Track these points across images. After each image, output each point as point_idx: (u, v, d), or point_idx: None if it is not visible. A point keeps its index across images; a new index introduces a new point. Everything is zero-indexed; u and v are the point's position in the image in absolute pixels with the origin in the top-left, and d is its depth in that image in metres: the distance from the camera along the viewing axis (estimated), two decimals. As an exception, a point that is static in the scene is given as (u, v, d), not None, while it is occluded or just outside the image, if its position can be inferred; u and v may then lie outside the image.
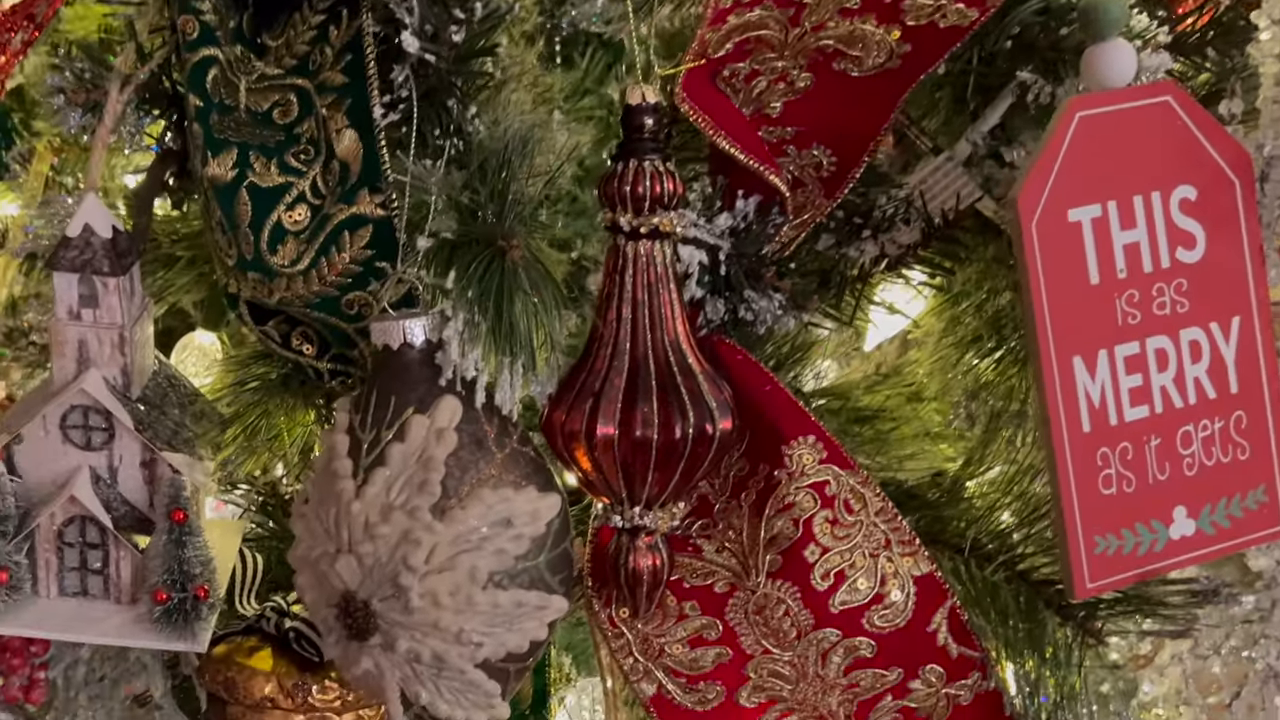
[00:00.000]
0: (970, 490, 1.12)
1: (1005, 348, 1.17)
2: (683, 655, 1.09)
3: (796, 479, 1.06)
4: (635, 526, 1.02)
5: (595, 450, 0.99)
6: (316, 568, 0.97)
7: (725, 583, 1.08)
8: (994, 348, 1.17)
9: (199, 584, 1.08)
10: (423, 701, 0.98)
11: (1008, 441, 1.16)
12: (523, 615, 0.97)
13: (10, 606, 1.08)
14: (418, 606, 0.94)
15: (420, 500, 0.94)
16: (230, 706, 1.16)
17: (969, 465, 1.13)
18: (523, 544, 0.96)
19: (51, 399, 1.06)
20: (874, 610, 1.07)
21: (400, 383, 0.98)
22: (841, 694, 1.09)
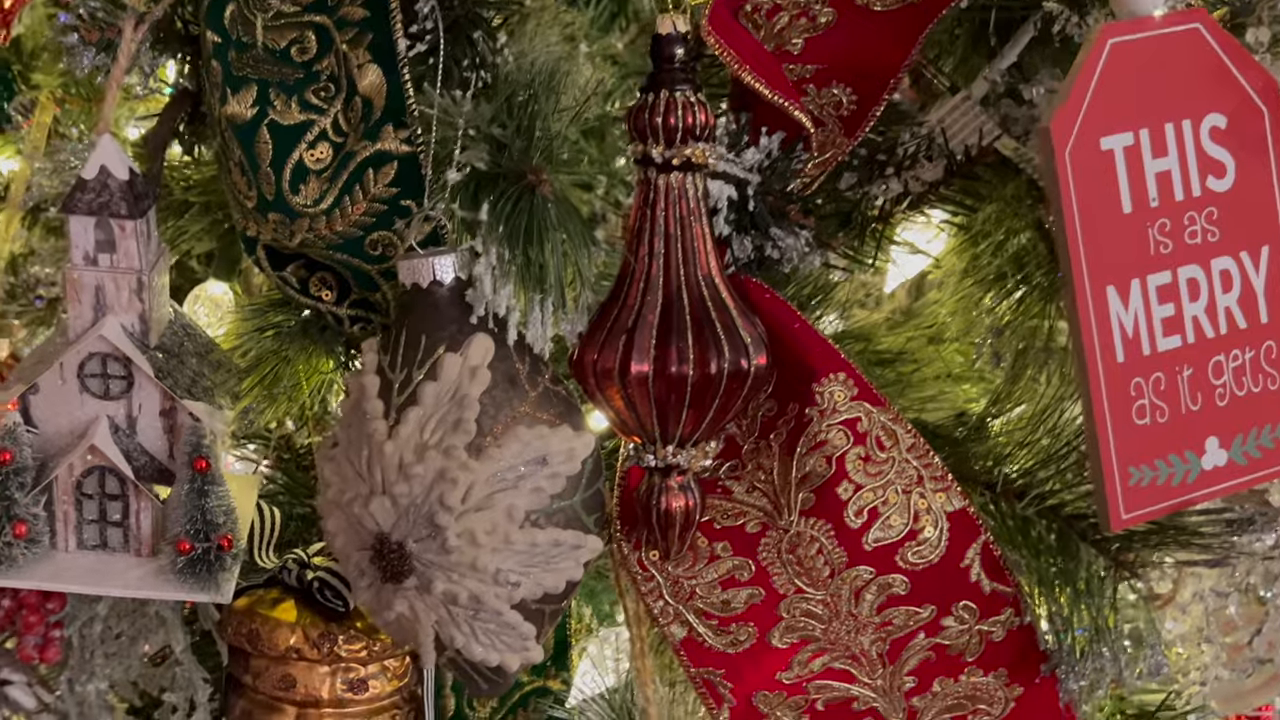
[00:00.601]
0: (996, 428, 1.11)
1: (1028, 286, 1.15)
2: (714, 597, 1.08)
3: (828, 416, 1.05)
4: (668, 466, 1.00)
5: (628, 388, 0.97)
6: (348, 511, 0.95)
7: (757, 523, 1.06)
8: (1017, 286, 1.15)
9: (222, 534, 1.05)
10: (457, 644, 0.96)
11: (1032, 379, 1.14)
12: (559, 555, 0.95)
13: (28, 560, 1.05)
14: (455, 546, 0.92)
15: (455, 439, 0.92)
16: (254, 659, 1.14)
17: (996, 403, 1.12)
18: (559, 482, 0.94)
19: (69, 347, 1.03)
20: (907, 547, 1.06)
21: (430, 321, 0.95)
22: (874, 632, 1.08)
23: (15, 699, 1.19)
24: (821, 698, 1.10)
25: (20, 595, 1.13)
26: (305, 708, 1.12)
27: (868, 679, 1.09)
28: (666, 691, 1.16)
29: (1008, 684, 1.10)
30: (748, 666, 1.09)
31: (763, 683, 1.09)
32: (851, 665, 1.09)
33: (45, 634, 1.16)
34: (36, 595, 1.13)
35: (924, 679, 1.09)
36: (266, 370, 1.08)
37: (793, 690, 1.09)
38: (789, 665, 1.09)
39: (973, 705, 1.11)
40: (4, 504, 1.03)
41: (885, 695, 1.10)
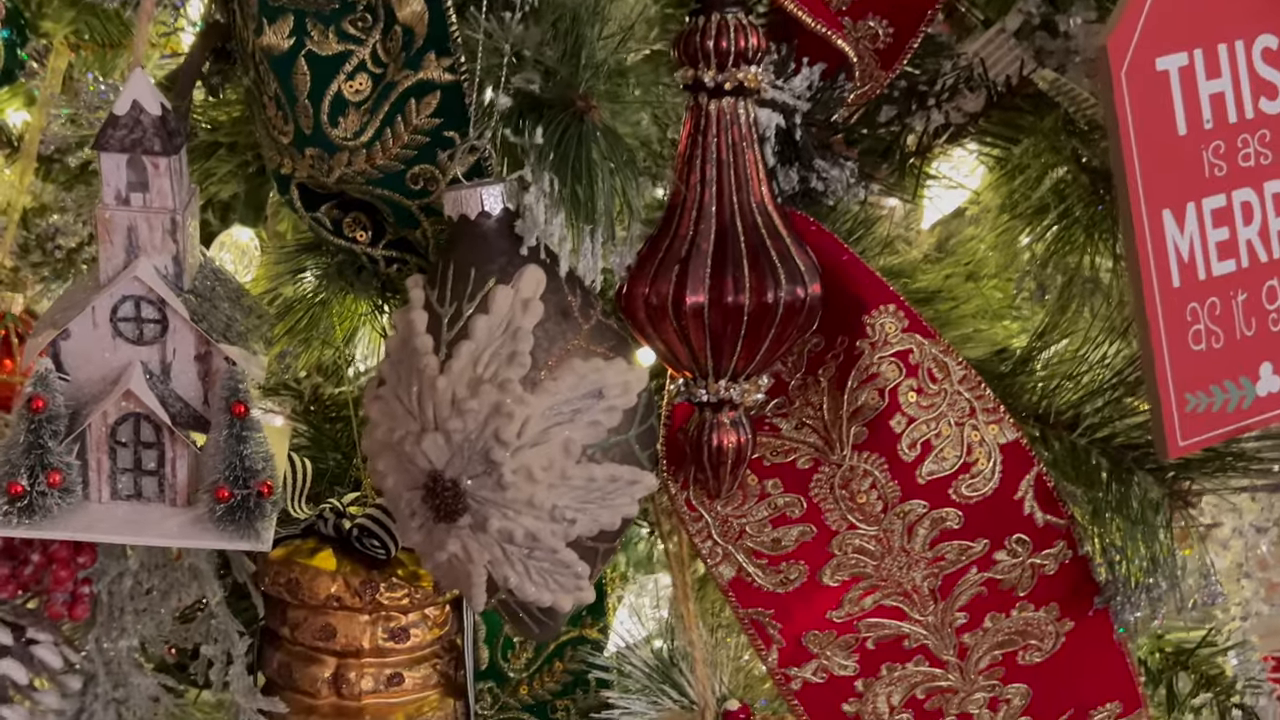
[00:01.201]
0: (1042, 361, 1.09)
1: (1070, 219, 1.13)
2: (764, 535, 1.05)
3: (879, 349, 1.02)
4: (720, 400, 0.97)
5: (682, 320, 0.94)
6: (399, 450, 0.91)
7: (808, 459, 1.04)
8: (1058, 219, 1.13)
9: (261, 480, 1.01)
10: (511, 584, 0.93)
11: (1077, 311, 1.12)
12: (616, 491, 0.92)
13: (62, 511, 1.01)
14: (510, 483, 0.89)
15: (510, 372, 0.89)
16: (291, 610, 1.11)
17: (1042, 335, 1.09)
18: (615, 416, 0.91)
19: (100, 290, 0.99)
20: (961, 480, 1.04)
21: (479, 254, 0.92)
22: (926, 568, 1.06)
23: (42, 658, 1.15)
24: (872, 636, 1.07)
25: (50, 550, 1.09)
26: (345, 658, 1.09)
27: (919, 615, 1.07)
28: (709, 636, 1.14)
29: (1059, 618, 1.09)
30: (798, 606, 1.07)
31: (813, 622, 1.07)
32: (903, 602, 1.07)
33: (74, 590, 1.12)
34: (67, 549, 1.09)
35: (975, 615, 1.07)
36: (301, 314, 1.05)
37: (843, 629, 1.07)
38: (840, 603, 1.06)
39: (1023, 641, 1.09)
40: (37, 452, 0.99)
41: (936, 632, 1.08)
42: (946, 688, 1.09)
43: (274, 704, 1.08)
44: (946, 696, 1.10)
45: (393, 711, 1.10)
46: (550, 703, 1.22)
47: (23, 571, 1.12)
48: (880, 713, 1.10)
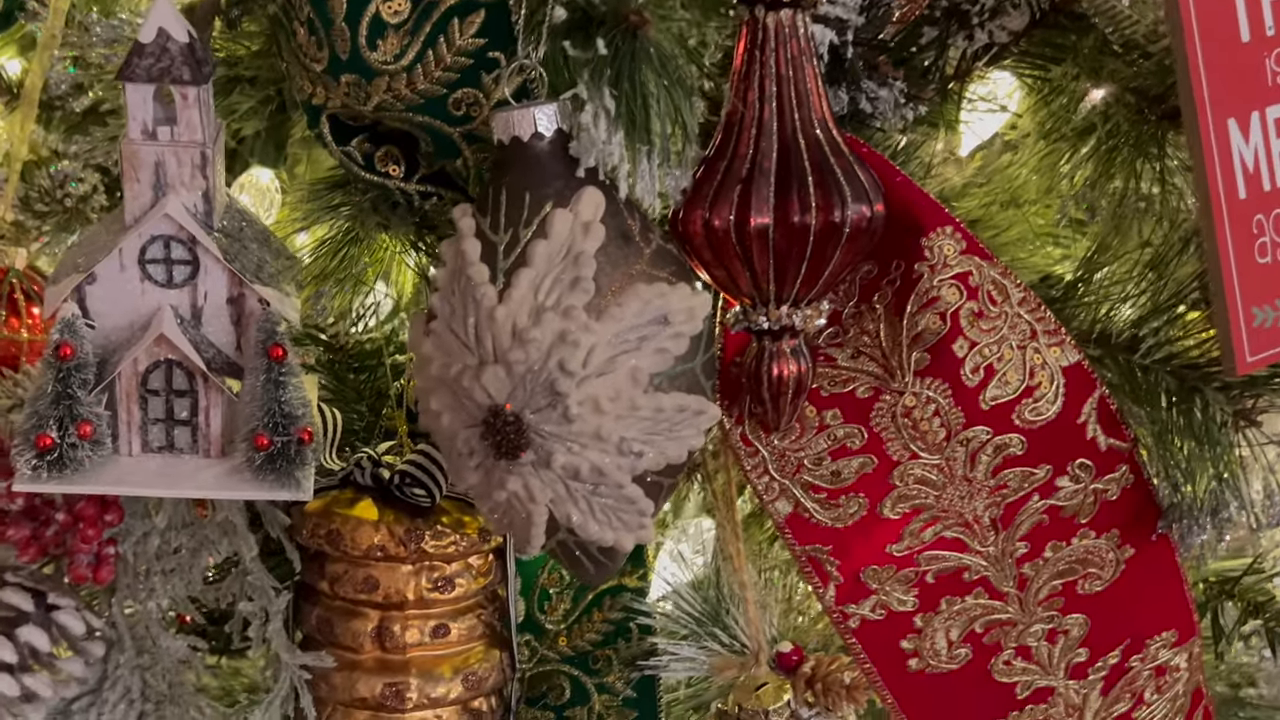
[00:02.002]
0: (1097, 282, 1.05)
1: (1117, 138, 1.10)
2: (823, 468, 1.01)
3: (939, 271, 0.98)
4: (782, 328, 0.93)
5: (746, 243, 0.90)
6: (456, 386, 0.87)
7: (867, 388, 1.00)
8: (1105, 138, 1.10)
9: (301, 426, 0.96)
10: (573, 523, 0.88)
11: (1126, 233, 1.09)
12: (683, 422, 0.88)
13: (93, 464, 0.96)
14: (576, 415, 0.85)
15: (573, 299, 0.84)
16: (330, 563, 1.05)
17: (1093, 257, 1.06)
18: (682, 343, 0.87)
19: (128, 231, 0.94)
20: (1024, 404, 1.00)
21: (533, 177, 0.87)
22: (988, 497, 1.02)
23: (65, 624, 1.09)
24: (932, 569, 1.04)
25: (77, 508, 1.03)
26: (389, 610, 1.04)
27: (980, 546, 1.04)
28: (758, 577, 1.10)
29: (1119, 545, 1.06)
30: (856, 540, 1.03)
31: (872, 557, 1.03)
32: (964, 533, 1.03)
33: (99, 552, 1.07)
34: (94, 507, 1.03)
35: (1036, 544, 1.04)
36: (331, 255, 1.00)
37: (903, 563, 1.04)
38: (900, 536, 1.03)
39: (1083, 569, 1.06)
40: (66, 403, 0.94)
41: (996, 563, 1.04)
42: (1005, 620, 1.06)
43: (321, 658, 1.03)
44: (1005, 629, 1.07)
45: (439, 664, 1.05)
46: (590, 653, 1.17)
47: (45, 533, 1.06)
48: (938, 649, 1.07)
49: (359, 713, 1.05)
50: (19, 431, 0.95)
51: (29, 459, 0.94)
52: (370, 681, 1.04)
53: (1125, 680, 1.11)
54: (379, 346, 1.17)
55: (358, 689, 1.04)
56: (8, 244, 1.17)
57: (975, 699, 1.09)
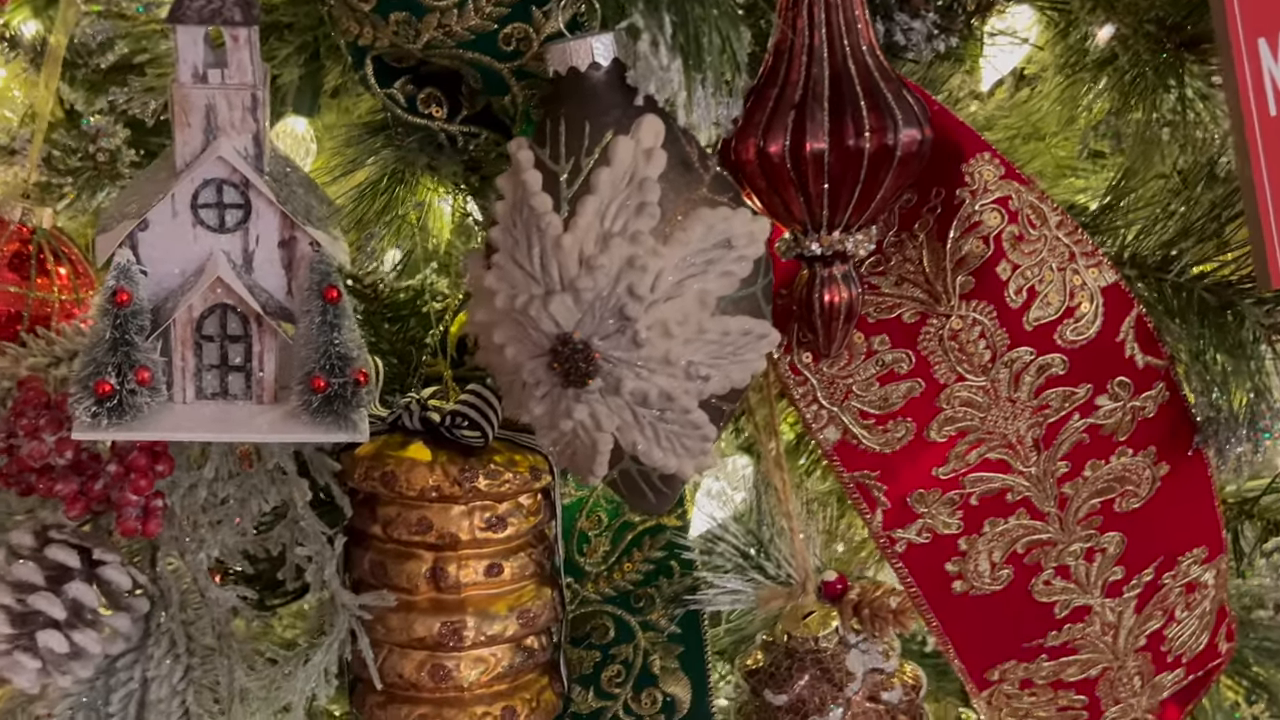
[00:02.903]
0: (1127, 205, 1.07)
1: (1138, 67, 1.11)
2: (872, 394, 1.02)
3: (980, 196, 1.00)
4: (834, 254, 0.94)
5: (801, 168, 0.90)
6: (523, 316, 0.87)
7: (914, 313, 1.01)
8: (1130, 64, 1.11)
9: (357, 367, 0.96)
10: (639, 450, 0.89)
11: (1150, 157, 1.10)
12: (747, 345, 0.88)
13: (151, 411, 0.95)
14: (645, 339, 0.85)
15: (640, 224, 0.85)
16: (382, 507, 1.05)
17: (1120, 183, 1.08)
18: (745, 266, 0.87)
19: (179, 176, 0.93)
20: (1065, 324, 1.02)
21: (592, 107, 0.87)
22: (1031, 417, 1.04)
23: (111, 579, 1.09)
24: (976, 491, 1.05)
25: (128, 459, 1.03)
26: (442, 551, 1.04)
27: (1022, 467, 1.05)
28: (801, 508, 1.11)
29: (1155, 462, 1.07)
30: (903, 465, 1.04)
31: (918, 481, 1.05)
32: (1007, 454, 1.05)
33: (146, 504, 1.06)
34: (146, 458, 1.03)
35: (1076, 463, 1.06)
36: (382, 194, 1.00)
37: (948, 485, 1.05)
38: (946, 459, 1.04)
39: (1121, 487, 1.08)
40: (124, 349, 0.93)
41: (1038, 483, 1.06)
42: (1046, 540, 1.08)
43: (382, 597, 1.03)
44: (1045, 550, 1.08)
45: (494, 602, 1.05)
46: (632, 593, 1.18)
47: (92, 487, 1.05)
48: (981, 571, 1.08)
49: (416, 653, 1.05)
50: (76, 379, 0.94)
51: (88, 406, 0.93)
52: (427, 621, 1.04)
53: (1158, 597, 1.13)
54: (413, 296, 1.17)
55: (415, 629, 1.04)
56: (33, 204, 1.16)
57: (1016, 620, 1.11)
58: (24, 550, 1.09)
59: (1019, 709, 1.17)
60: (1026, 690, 1.15)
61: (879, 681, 1.09)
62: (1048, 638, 1.12)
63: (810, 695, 1.08)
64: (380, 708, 1.06)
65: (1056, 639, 1.12)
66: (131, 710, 1.15)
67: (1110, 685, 1.16)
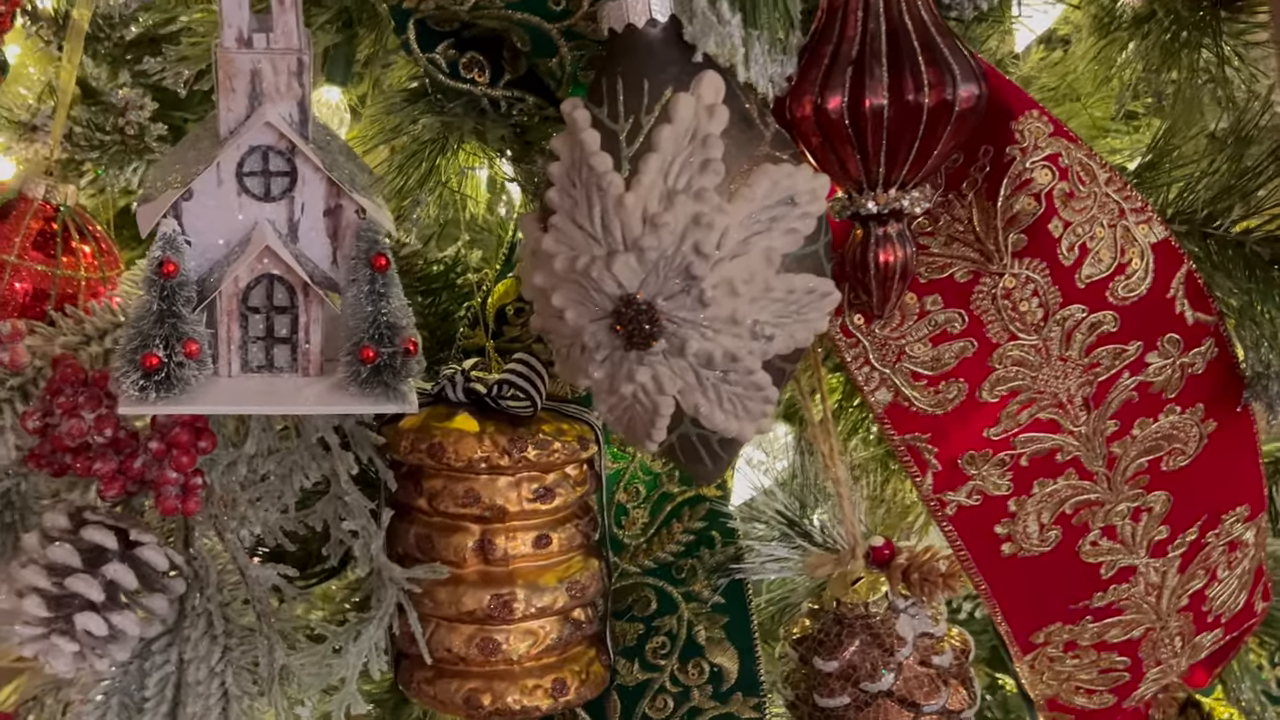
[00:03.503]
0: (1167, 164, 1.06)
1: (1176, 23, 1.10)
2: (924, 355, 1.01)
3: (1031, 154, 0.98)
4: (891, 212, 0.93)
5: (860, 124, 0.89)
6: (583, 279, 0.85)
7: (966, 271, 1.00)
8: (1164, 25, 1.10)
9: (406, 336, 0.94)
10: (700, 412, 0.87)
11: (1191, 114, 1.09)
12: (810, 304, 0.87)
13: (199, 384, 0.93)
14: (712, 298, 0.83)
15: (705, 180, 0.83)
16: (428, 480, 1.03)
17: (1160, 141, 1.07)
18: (810, 223, 0.86)
19: (225, 143, 0.91)
20: (1117, 281, 1.01)
21: (649, 64, 0.86)
22: (1082, 375, 1.03)
23: (148, 559, 1.06)
24: (1026, 452, 1.04)
25: (171, 435, 1.00)
26: (490, 523, 1.02)
27: (1072, 427, 1.04)
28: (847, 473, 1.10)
29: (1203, 419, 1.07)
30: (955, 426, 1.03)
31: (969, 442, 1.04)
32: (1058, 414, 1.04)
33: (185, 482, 1.04)
34: (189, 434, 1.01)
35: (1125, 422, 1.05)
36: (423, 162, 0.98)
37: (999, 446, 1.04)
38: (997, 420, 1.03)
39: (1168, 445, 1.07)
40: (171, 321, 0.91)
41: (1087, 443, 1.05)
42: (1094, 500, 1.07)
43: (434, 570, 1.01)
44: (1093, 510, 1.07)
45: (543, 574, 1.03)
46: (673, 564, 1.16)
47: (130, 465, 1.02)
48: (1030, 532, 1.07)
49: (464, 627, 1.03)
50: (122, 353, 0.92)
51: (135, 380, 0.91)
52: (477, 594, 1.02)
53: (1201, 557, 1.13)
54: (446, 269, 1.15)
55: (464, 602, 1.02)
56: (56, 180, 1.13)
57: (1063, 581, 1.10)
58: (59, 532, 1.07)
59: (1061, 672, 1.16)
60: (1070, 653, 1.14)
61: (929, 645, 1.08)
62: (1093, 599, 1.11)
63: (861, 661, 1.06)
64: (428, 683, 1.05)
65: (1102, 600, 1.11)
66: (168, 693, 1.13)
67: (1152, 646, 1.16)
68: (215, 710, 1.11)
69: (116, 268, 1.16)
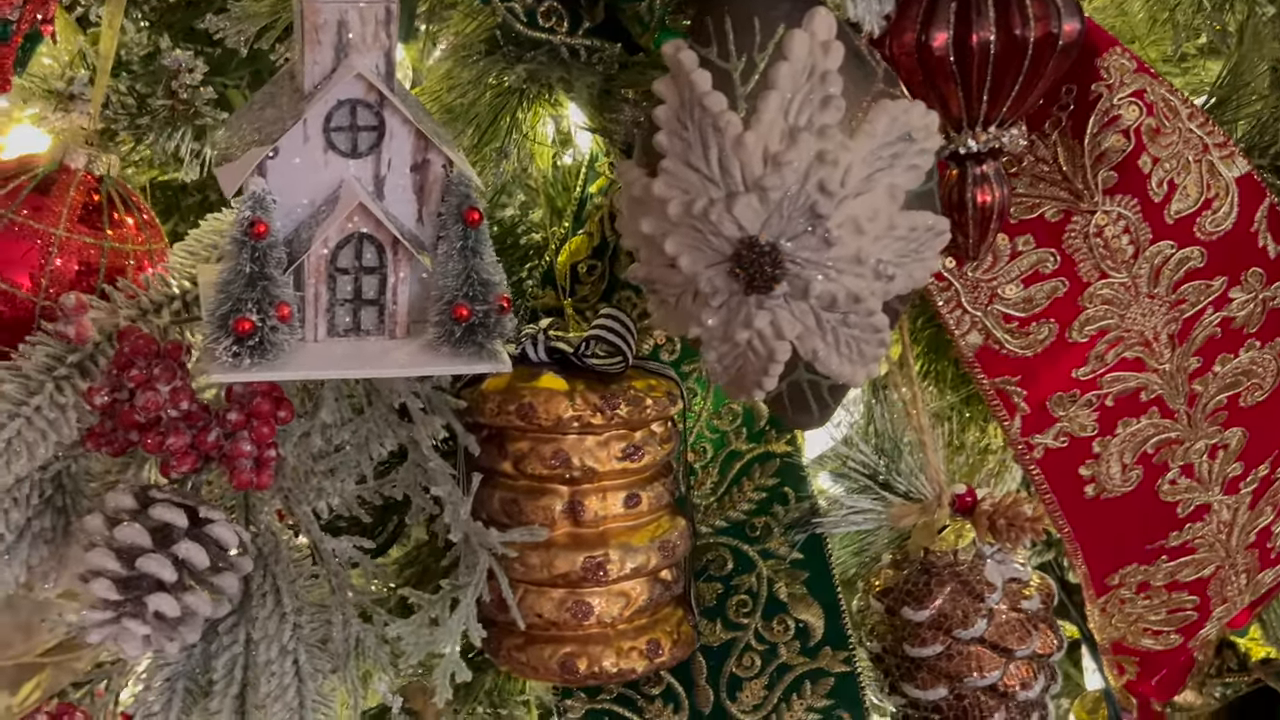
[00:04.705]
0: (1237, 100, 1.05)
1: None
2: (1016, 295, 1.00)
3: (1117, 90, 0.97)
4: (990, 150, 0.91)
5: (966, 59, 0.87)
6: (701, 222, 0.82)
7: (1057, 211, 0.99)
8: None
9: (499, 293, 0.90)
10: (818, 356, 0.85)
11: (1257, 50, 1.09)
12: (928, 241, 0.84)
13: (289, 350, 0.89)
14: (836, 238, 0.81)
15: (826, 117, 0.80)
16: (513, 443, 1.00)
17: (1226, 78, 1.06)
18: (927, 159, 0.83)
19: (313, 97, 0.86)
20: (1204, 216, 1.00)
21: (758, 2, 0.83)
22: (1168, 312, 1.02)
23: (219, 537, 1.02)
24: (1113, 391, 1.03)
25: (252, 405, 0.96)
26: (579, 484, 0.99)
27: (1156, 364, 1.03)
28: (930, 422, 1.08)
29: (1279, 355, 1.07)
30: (1044, 368, 1.02)
31: (1058, 384, 1.02)
32: (1144, 352, 1.03)
33: (259, 455, 0.99)
34: (269, 403, 0.96)
35: (1207, 358, 1.04)
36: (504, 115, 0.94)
37: (1086, 387, 1.03)
38: (1085, 360, 1.02)
39: (1247, 381, 1.06)
40: (263, 284, 0.86)
41: (1170, 380, 1.04)
42: (1175, 439, 1.06)
43: (532, 532, 0.97)
44: (1173, 448, 1.07)
45: (634, 534, 1.00)
46: (746, 522, 1.14)
47: (204, 439, 0.98)
48: (1113, 473, 1.06)
49: (555, 591, 1.00)
50: (213, 318, 0.87)
51: (227, 346, 0.86)
52: (569, 557, 0.99)
53: (1271, 493, 1.13)
54: (508, 229, 1.12)
55: (556, 566, 0.99)
56: (97, 151, 1.08)
57: (1142, 521, 1.09)
58: (125, 513, 1.02)
59: (1131, 614, 1.15)
60: (1142, 594, 1.14)
61: (1017, 590, 1.07)
62: (1169, 538, 1.11)
63: (952, 609, 1.05)
64: (519, 650, 1.01)
65: (1177, 539, 1.11)
66: (237, 674, 1.08)
67: (1220, 584, 1.15)
68: (290, 689, 1.07)
69: (160, 240, 1.12)
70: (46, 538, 1.08)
